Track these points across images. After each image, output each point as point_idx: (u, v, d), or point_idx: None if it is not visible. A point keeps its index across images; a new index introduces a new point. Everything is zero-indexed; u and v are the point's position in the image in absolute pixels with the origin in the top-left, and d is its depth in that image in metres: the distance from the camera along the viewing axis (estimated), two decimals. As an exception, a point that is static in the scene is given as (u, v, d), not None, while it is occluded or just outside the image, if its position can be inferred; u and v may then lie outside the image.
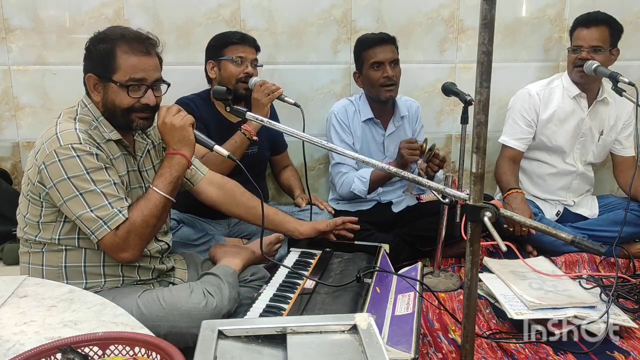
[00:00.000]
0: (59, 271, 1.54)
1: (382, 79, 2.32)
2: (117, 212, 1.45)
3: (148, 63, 1.53)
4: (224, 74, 2.24)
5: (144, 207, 1.49)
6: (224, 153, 1.55)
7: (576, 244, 1.16)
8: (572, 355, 1.68)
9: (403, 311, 1.47)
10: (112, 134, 1.55)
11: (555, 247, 2.35)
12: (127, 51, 1.50)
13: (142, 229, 1.48)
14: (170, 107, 1.60)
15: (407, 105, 2.51)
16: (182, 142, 1.57)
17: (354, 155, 1.45)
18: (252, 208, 1.83)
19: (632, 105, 2.49)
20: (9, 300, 1.15)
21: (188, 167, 1.61)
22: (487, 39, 1.07)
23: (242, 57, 2.23)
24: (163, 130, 1.57)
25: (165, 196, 1.53)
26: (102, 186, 1.45)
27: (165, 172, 1.55)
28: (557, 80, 2.52)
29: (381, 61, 2.31)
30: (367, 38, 2.38)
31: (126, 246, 1.47)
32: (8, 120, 2.52)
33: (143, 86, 1.53)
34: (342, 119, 2.43)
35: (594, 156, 2.57)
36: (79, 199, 1.43)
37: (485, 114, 1.12)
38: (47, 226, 1.53)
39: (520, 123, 2.50)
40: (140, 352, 0.87)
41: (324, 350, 0.83)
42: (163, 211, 1.53)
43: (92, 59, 1.54)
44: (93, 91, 1.55)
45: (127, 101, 1.52)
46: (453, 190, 1.29)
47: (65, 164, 1.44)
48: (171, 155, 1.57)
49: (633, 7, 2.71)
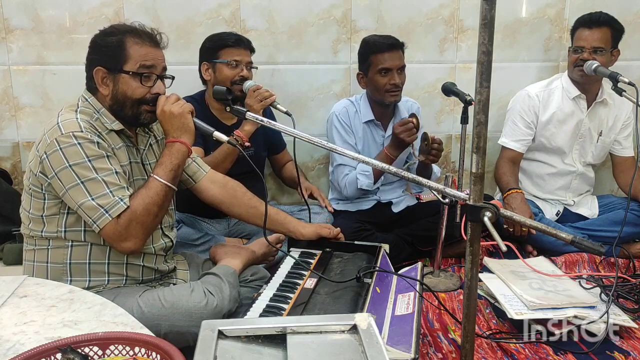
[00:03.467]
0: (64, 268, 1.54)
1: (389, 86, 2.29)
2: (119, 200, 1.44)
3: (157, 53, 1.57)
4: (219, 76, 2.24)
5: (145, 196, 1.49)
6: (223, 139, 1.54)
7: (576, 244, 1.16)
8: (572, 355, 1.68)
9: (403, 311, 1.47)
10: (114, 125, 1.56)
11: (555, 247, 2.35)
12: (137, 42, 1.54)
13: (144, 217, 1.47)
14: (169, 95, 1.60)
15: (407, 107, 2.50)
16: (182, 130, 1.56)
17: (354, 156, 1.45)
18: (253, 208, 1.82)
19: (631, 105, 2.50)
20: (9, 300, 1.15)
21: (189, 154, 1.60)
22: (487, 39, 1.07)
23: (238, 60, 2.24)
24: (162, 119, 1.57)
25: (166, 184, 1.52)
26: (103, 174, 1.45)
27: (166, 160, 1.55)
28: (557, 81, 2.52)
29: (389, 68, 2.28)
30: (376, 42, 2.32)
31: (128, 235, 1.46)
32: (8, 120, 2.52)
33: (153, 75, 1.56)
34: (344, 120, 2.42)
35: (593, 157, 2.57)
36: (80, 187, 1.43)
37: (485, 114, 1.12)
38: (52, 219, 1.53)
39: (519, 125, 2.50)
40: (140, 352, 0.87)
41: (324, 350, 0.83)
42: (165, 199, 1.52)
43: (101, 52, 1.56)
44: (101, 85, 1.55)
45: (140, 91, 1.54)
46: (453, 190, 1.29)
47: (67, 152, 1.44)
48: (171, 143, 1.57)
49: (633, 7, 2.71)
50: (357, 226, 2.26)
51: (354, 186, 2.38)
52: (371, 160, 1.42)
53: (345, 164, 2.42)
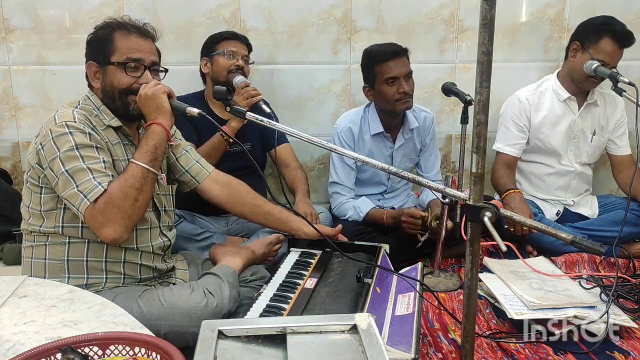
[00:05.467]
0: (61, 265, 1.54)
1: (398, 95, 2.22)
2: (97, 185, 1.43)
3: (144, 45, 1.58)
4: (216, 67, 2.27)
5: (122, 179, 1.47)
6: (194, 112, 1.54)
7: (576, 244, 1.16)
8: (572, 355, 1.68)
9: (403, 311, 1.47)
10: (112, 121, 1.57)
11: (555, 247, 2.35)
12: (124, 34, 1.56)
13: (121, 201, 1.44)
14: (149, 82, 1.58)
15: (420, 117, 2.43)
16: (157, 111, 1.55)
17: (354, 155, 1.45)
18: (256, 206, 1.83)
19: (623, 105, 2.51)
20: (9, 300, 1.15)
21: (168, 136, 1.58)
22: (487, 39, 1.07)
23: (234, 51, 2.26)
24: (140, 104, 1.56)
25: (142, 166, 1.49)
26: (89, 162, 1.45)
27: (142, 143, 1.54)
28: (546, 83, 2.51)
29: (396, 76, 2.21)
30: (379, 51, 2.25)
31: (105, 220, 1.43)
32: (8, 120, 2.51)
33: (141, 66, 1.56)
34: (346, 141, 2.36)
35: (588, 156, 2.57)
36: (66, 176, 1.43)
37: (485, 114, 1.12)
38: (50, 214, 1.53)
39: (512, 129, 2.50)
40: (140, 352, 0.87)
41: (324, 350, 0.83)
42: (143, 182, 1.49)
43: (92, 47, 1.60)
44: (93, 79, 1.58)
45: (126, 80, 1.55)
46: (453, 190, 1.29)
47: (58, 141, 1.45)
48: (148, 126, 1.56)
49: (633, 7, 2.71)
50: (358, 229, 2.25)
51: (342, 212, 2.37)
52: (371, 160, 1.41)
53: (340, 183, 2.40)
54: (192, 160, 1.81)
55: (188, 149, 1.83)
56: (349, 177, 2.41)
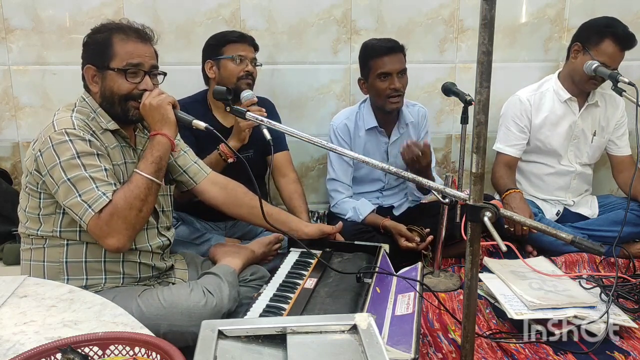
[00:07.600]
0: (60, 267, 1.54)
1: (389, 90, 2.23)
2: (102, 195, 1.43)
3: (144, 50, 1.57)
4: (224, 73, 2.19)
5: (126, 189, 1.47)
6: (201, 126, 1.53)
7: (576, 244, 1.16)
8: (572, 355, 1.68)
9: (403, 311, 1.47)
10: (110, 124, 1.57)
11: (555, 247, 2.35)
12: (123, 39, 1.55)
13: (126, 212, 1.44)
14: (153, 90, 1.58)
15: (414, 111, 2.44)
16: (162, 122, 1.55)
17: (353, 155, 1.45)
18: (254, 208, 1.82)
19: (623, 105, 2.51)
20: (9, 300, 1.15)
21: (172, 147, 1.57)
22: (487, 39, 1.07)
23: (242, 55, 2.19)
24: (144, 113, 1.56)
25: (147, 177, 1.50)
26: (91, 171, 1.44)
27: (147, 154, 1.54)
28: (547, 84, 2.51)
29: (389, 72, 2.22)
30: (375, 46, 2.27)
31: (111, 230, 1.44)
32: (8, 120, 2.52)
33: (140, 72, 1.56)
34: (342, 137, 2.37)
35: (588, 157, 2.57)
36: (67, 185, 1.43)
37: (485, 114, 1.12)
38: (48, 219, 1.53)
39: (513, 130, 2.50)
40: (140, 352, 0.87)
41: (324, 350, 0.83)
42: (147, 193, 1.49)
43: (90, 50, 1.58)
44: (91, 82, 1.57)
45: (126, 87, 1.55)
46: (453, 190, 1.29)
47: (58, 148, 1.45)
48: (153, 136, 1.56)
49: (633, 7, 2.71)
50: (358, 228, 2.25)
51: (341, 211, 2.37)
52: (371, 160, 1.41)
53: (338, 180, 2.39)
54: (190, 161, 1.81)
55: (186, 149, 1.83)
56: (347, 173, 2.42)
